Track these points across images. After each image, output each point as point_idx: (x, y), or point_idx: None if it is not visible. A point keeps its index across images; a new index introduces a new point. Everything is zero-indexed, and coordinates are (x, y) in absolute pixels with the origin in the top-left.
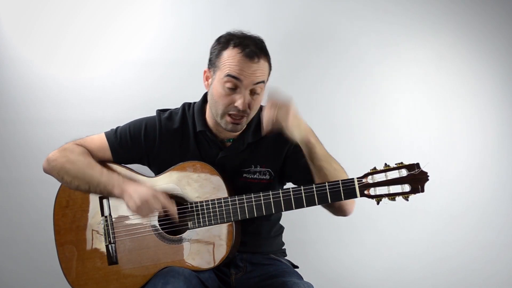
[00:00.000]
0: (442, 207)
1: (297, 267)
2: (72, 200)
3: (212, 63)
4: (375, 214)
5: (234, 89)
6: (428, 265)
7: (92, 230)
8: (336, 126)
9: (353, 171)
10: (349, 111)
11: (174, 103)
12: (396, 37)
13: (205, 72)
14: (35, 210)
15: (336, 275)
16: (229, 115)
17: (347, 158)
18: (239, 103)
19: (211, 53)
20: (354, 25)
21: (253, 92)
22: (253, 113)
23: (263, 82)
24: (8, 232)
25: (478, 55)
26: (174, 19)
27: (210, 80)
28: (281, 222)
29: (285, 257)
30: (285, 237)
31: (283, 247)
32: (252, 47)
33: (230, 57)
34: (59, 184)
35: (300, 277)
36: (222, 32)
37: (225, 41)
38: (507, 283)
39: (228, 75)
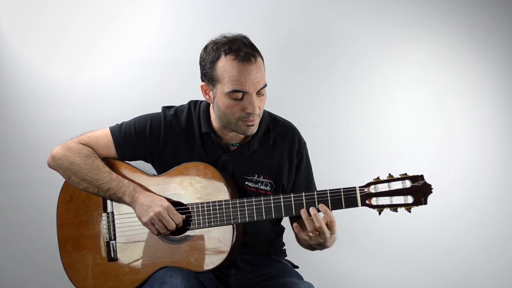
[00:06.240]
0: (442, 207)
1: (297, 267)
2: (76, 195)
3: (208, 77)
4: (375, 214)
5: (241, 98)
6: (428, 265)
7: (94, 226)
8: (336, 127)
9: (352, 171)
10: (348, 111)
11: (174, 103)
12: (397, 37)
13: (202, 86)
14: (35, 210)
15: (336, 275)
16: (243, 121)
17: (346, 158)
18: (250, 109)
19: (202, 66)
20: (355, 25)
21: (259, 94)
22: (261, 112)
23: (265, 85)
24: (8, 232)
25: (478, 55)
26: (174, 19)
27: (211, 94)
28: (281, 223)
29: (285, 257)
30: (285, 237)
31: (283, 248)
32: (244, 49)
33: (227, 68)
34: (59, 184)
35: (300, 277)
36: (222, 32)
37: (213, 51)
38: (507, 282)
39: (234, 91)
